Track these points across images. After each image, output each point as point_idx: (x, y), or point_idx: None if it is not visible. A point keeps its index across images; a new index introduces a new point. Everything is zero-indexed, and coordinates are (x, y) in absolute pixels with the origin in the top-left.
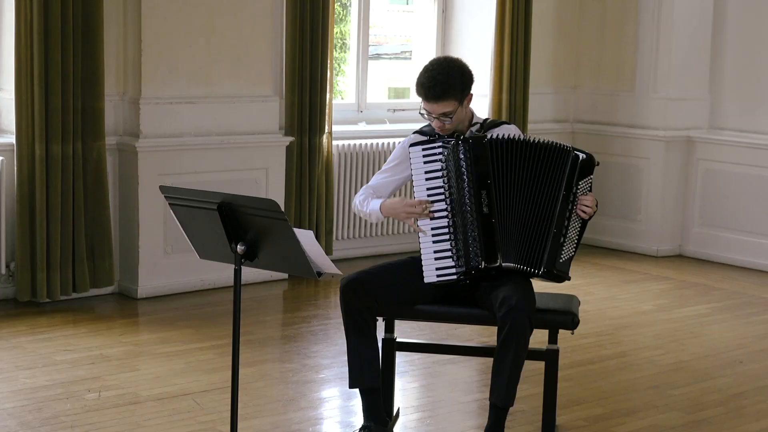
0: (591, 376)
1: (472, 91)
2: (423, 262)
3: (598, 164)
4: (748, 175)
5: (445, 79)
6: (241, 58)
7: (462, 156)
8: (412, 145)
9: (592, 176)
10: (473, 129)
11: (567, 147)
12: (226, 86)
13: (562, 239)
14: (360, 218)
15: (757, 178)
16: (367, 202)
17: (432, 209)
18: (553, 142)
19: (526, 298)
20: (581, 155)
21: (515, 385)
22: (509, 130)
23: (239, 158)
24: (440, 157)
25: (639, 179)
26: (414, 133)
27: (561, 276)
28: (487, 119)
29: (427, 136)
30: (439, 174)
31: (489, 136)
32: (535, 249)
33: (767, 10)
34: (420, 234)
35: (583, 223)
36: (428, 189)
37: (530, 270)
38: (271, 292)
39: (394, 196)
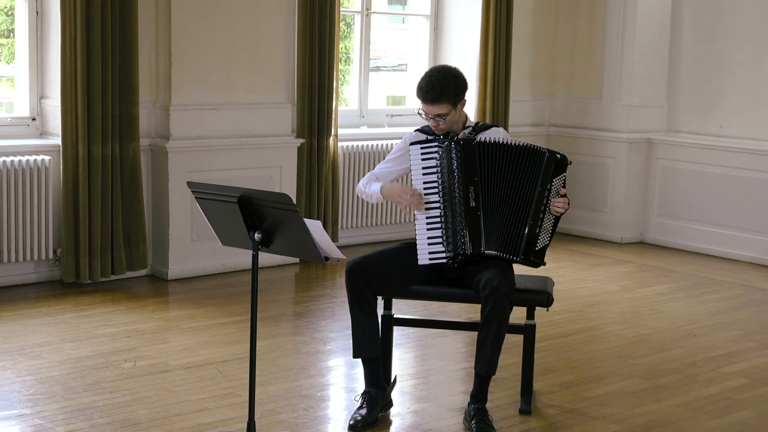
0: (563, 347)
1: (466, 98)
2: (417, 247)
3: (570, 163)
4: (701, 172)
5: (441, 85)
6: (258, 70)
7: (454, 155)
8: (412, 143)
9: (565, 174)
10: (466, 131)
11: (542, 149)
12: (245, 94)
13: (537, 230)
14: (363, 209)
15: (708, 175)
16: (370, 185)
17: (426, 201)
18: (531, 144)
19: (507, 281)
20: (556, 155)
21: (497, 357)
22: (498, 133)
23: (256, 157)
24: (435, 155)
25: (605, 176)
26: (415, 130)
27: (537, 262)
28: (478, 123)
29: (426, 134)
30: (434, 170)
31: (478, 139)
32: (514, 238)
33: (716, 27)
34: (416, 222)
35: (557, 217)
36: (424, 183)
37: (509, 257)
38: (284, 274)
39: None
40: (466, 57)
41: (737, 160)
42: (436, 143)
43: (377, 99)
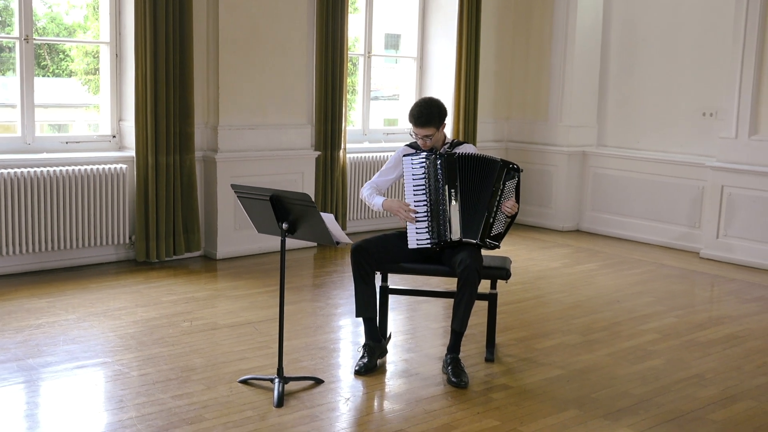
0: (518, 311)
1: (446, 122)
2: (407, 234)
3: (522, 171)
4: (623, 177)
5: (428, 112)
6: (285, 99)
7: (439, 165)
8: (404, 155)
9: (517, 180)
10: (445, 147)
11: (498, 159)
12: (276, 117)
13: (492, 219)
14: (365, 206)
15: (629, 179)
16: (372, 197)
17: (414, 206)
18: (491, 156)
19: (476, 260)
20: (508, 164)
21: (468, 317)
22: (469, 147)
23: (284, 166)
24: (423, 164)
25: (550, 179)
26: (405, 145)
27: (492, 245)
28: (454, 140)
29: (415, 149)
30: (422, 176)
31: (457, 153)
32: (478, 226)
33: (633, 65)
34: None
35: (512, 217)
36: (414, 186)
37: (474, 242)
38: (305, 255)
39: (389, 195)
40: (444, 89)
41: (651, 168)
42: (424, 155)
43: (376, 121)
